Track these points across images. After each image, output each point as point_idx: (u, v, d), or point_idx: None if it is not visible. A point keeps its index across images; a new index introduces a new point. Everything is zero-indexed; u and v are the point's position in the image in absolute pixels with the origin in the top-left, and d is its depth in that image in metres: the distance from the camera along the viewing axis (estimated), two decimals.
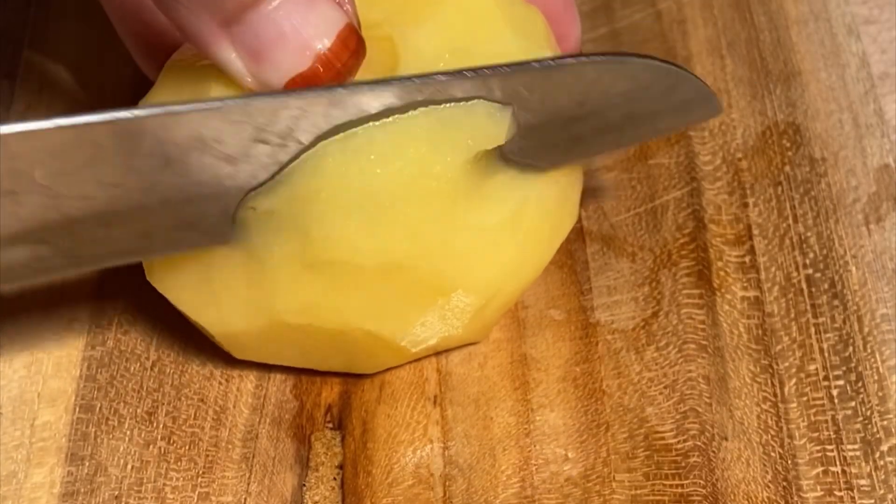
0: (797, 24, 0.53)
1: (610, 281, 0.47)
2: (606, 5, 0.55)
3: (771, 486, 0.42)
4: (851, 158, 0.49)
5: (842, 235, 0.47)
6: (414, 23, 0.39)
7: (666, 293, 0.46)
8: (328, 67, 0.37)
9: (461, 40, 0.39)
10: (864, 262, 0.46)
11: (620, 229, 0.48)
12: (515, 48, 0.40)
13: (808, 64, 0.52)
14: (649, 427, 0.43)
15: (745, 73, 0.52)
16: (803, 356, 0.45)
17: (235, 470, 0.43)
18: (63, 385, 0.45)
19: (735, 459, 0.42)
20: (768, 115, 0.51)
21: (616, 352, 0.45)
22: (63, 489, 0.43)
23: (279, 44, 0.36)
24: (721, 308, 0.46)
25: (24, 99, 0.52)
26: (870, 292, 0.46)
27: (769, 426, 0.43)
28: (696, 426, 0.43)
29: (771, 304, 0.46)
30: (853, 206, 0.48)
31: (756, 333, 0.45)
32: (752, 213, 0.48)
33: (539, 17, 0.42)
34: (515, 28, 0.40)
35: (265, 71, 0.37)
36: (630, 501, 0.42)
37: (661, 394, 0.44)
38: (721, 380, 0.44)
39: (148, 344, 0.46)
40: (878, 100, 0.50)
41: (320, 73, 0.37)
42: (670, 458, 0.42)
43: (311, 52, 0.36)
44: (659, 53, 0.53)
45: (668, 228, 0.48)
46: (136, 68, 0.53)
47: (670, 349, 0.45)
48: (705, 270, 0.46)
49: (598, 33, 0.54)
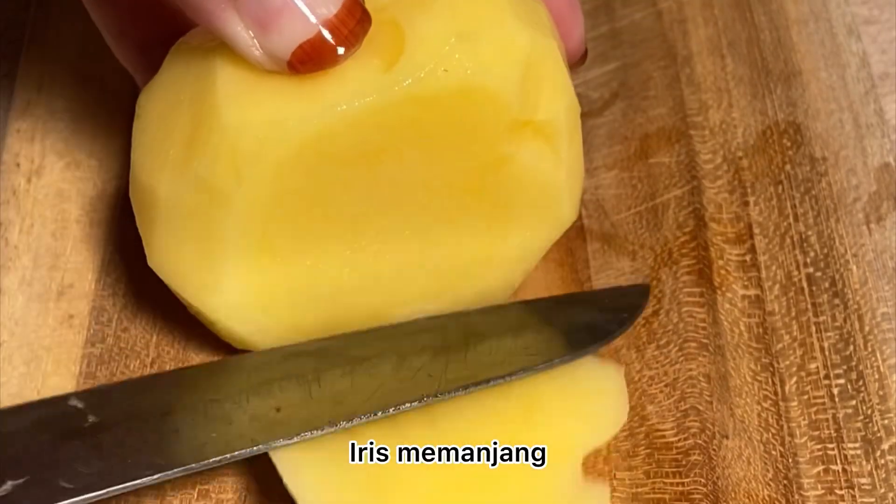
0: (797, 23, 0.53)
1: (611, 279, 0.47)
2: (607, 4, 0.55)
3: (772, 485, 0.42)
4: (852, 158, 0.49)
5: (842, 234, 0.47)
6: (420, 7, 0.39)
7: (667, 291, 0.46)
8: (335, 33, 0.37)
9: (467, 25, 0.39)
10: (865, 260, 0.46)
11: (621, 227, 0.48)
12: (520, 35, 0.40)
13: (808, 63, 0.52)
14: (650, 425, 0.43)
15: (746, 72, 0.52)
16: (804, 355, 0.45)
17: (235, 467, 0.43)
18: (62, 382, 0.45)
19: (736, 458, 0.42)
20: (769, 114, 0.51)
21: (616, 350, 0.45)
22: None
23: (285, 12, 0.37)
24: (722, 306, 0.46)
25: (24, 98, 0.52)
26: (870, 291, 0.46)
27: (770, 424, 0.43)
28: (697, 424, 0.42)
29: (772, 302, 0.46)
30: (854, 205, 0.48)
31: (757, 332, 0.45)
32: (753, 211, 0.48)
33: (542, 9, 0.42)
34: (520, 16, 0.40)
35: (272, 40, 0.37)
36: (631, 499, 0.41)
37: (662, 392, 0.44)
38: (722, 378, 0.44)
39: (147, 341, 0.46)
40: (878, 99, 0.50)
41: (327, 40, 0.37)
42: (671, 457, 0.42)
43: (318, 19, 0.37)
44: (659, 52, 0.53)
45: (669, 227, 0.48)
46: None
47: (671, 347, 0.45)
48: (706, 269, 0.46)
49: (598, 32, 0.54)
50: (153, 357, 0.45)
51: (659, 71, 0.52)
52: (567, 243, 0.47)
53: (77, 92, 0.52)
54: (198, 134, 0.39)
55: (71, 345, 0.45)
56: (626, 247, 0.48)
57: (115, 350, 0.45)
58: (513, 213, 0.43)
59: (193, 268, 0.41)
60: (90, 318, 0.46)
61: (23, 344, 0.45)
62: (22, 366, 0.45)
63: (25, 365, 0.45)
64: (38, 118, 0.52)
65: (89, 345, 0.46)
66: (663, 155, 0.50)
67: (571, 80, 0.42)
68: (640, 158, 0.50)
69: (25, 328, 0.46)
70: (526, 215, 0.43)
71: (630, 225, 0.48)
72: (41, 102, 0.52)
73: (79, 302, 0.46)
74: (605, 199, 0.49)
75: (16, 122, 0.52)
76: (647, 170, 0.49)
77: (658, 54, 0.53)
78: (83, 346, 0.45)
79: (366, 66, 0.38)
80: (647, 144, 0.50)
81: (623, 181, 0.49)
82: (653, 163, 0.50)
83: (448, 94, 0.39)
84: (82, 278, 0.47)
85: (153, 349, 0.45)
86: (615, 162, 0.50)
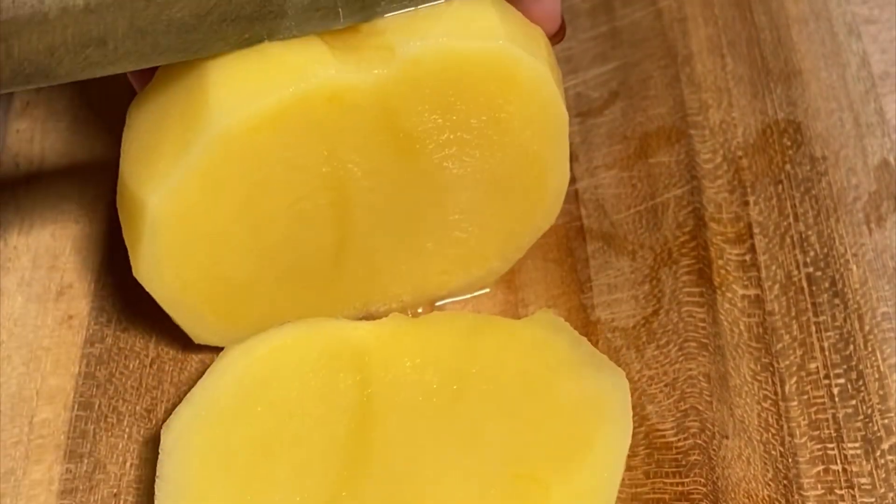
0: (798, 23, 0.53)
1: (610, 279, 0.47)
2: (607, 3, 0.55)
3: (771, 485, 0.42)
4: (852, 157, 0.49)
5: (842, 234, 0.47)
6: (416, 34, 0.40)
7: (666, 291, 0.46)
8: None
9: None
10: (865, 260, 0.46)
11: (621, 227, 0.48)
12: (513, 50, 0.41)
13: (808, 63, 0.52)
14: (650, 425, 0.43)
15: (746, 71, 0.52)
16: (804, 354, 0.44)
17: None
18: (62, 382, 0.45)
19: (736, 457, 0.42)
20: (769, 113, 0.51)
21: (616, 350, 0.45)
22: (61, 486, 0.43)
23: None
24: (722, 306, 0.46)
25: (24, 99, 0.52)
26: (870, 291, 0.46)
27: (770, 424, 0.43)
28: (697, 424, 0.42)
29: (771, 302, 0.46)
30: (854, 204, 0.48)
31: (757, 332, 0.45)
32: (753, 211, 0.48)
33: (543, 39, 0.42)
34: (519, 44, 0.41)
35: None
36: (630, 499, 0.41)
37: (662, 392, 0.44)
38: (722, 378, 0.44)
39: (147, 341, 0.46)
40: (878, 99, 0.50)
41: None
42: (671, 457, 0.42)
43: None
44: (659, 52, 0.53)
45: (669, 226, 0.48)
46: None
47: (671, 347, 0.45)
48: (706, 268, 0.46)
49: (598, 31, 0.54)
50: (153, 357, 0.45)
51: (659, 70, 0.52)
52: (567, 243, 0.47)
53: (76, 93, 0.52)
54: (187, 144, 0.39)
55: (70, 345, 0.45)
56: (625, 246, 0.48)
57: (114, 350, 0.45)
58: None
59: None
60: (89, 318, 0.46)
61: (22, 344, 0.45)
62: (21, 366, 0.45)
63: (25, 365, 0.45)
64: (37, 119, 0.52)
65: (88, 345, 0.46)
66: (663, 154, 0.50)
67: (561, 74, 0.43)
68: (640, 158, 0.50)
69: (24, 328, 0.46)
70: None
71: (630, 224, 0.48)
72: (41, 103, 0.52)
73: (78, 302, 0.46)
74: (605, 198, 0.49)
75: (15, 122, 0.52)
76: (646, 169, 0.49)
77: (658, 54, 0.53)
78: (82, 346, 0.45)
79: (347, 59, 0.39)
80: (647, 144, 0.50)
81: (623, 181, 0.49)
82: (653, 162, 0.50)
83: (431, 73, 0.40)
84: (81, 278, 0.47)
85: (152, 349, 0.45)
86: (615, 161, 0.50)
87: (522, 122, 0.42)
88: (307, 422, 0.41)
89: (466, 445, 0.40)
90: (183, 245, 0.40)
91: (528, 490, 0.39)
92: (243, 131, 0.39)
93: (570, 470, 0.39)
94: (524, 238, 0.45)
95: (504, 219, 0.44)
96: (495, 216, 0.44)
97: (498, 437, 0.40)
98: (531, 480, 0.39)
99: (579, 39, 0.54)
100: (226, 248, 0.41)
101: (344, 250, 0.43)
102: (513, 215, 0.44)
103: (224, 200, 0.40)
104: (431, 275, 0.45)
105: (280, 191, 0.41)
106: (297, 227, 0.42)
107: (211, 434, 0.40)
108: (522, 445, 0.40)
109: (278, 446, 0.40)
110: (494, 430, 0.41)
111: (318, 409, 0.41)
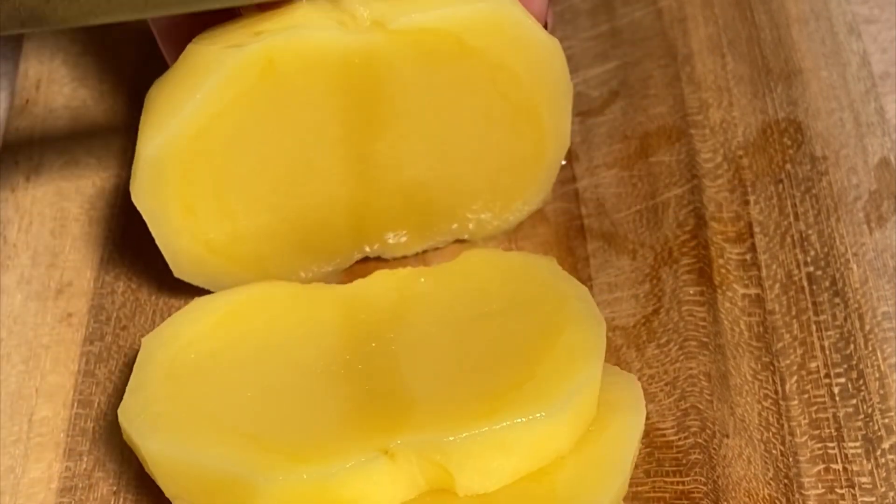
0: (798, 22, 0.53)
1: (611, 278, 0.47)
2: (607, 3, 0.55)
3: (772, 484, 0.42)
4: (852, 157, 0.49)
5: (843, 233, 0.47)
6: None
7: (667, 290, 0.46)
8: None
9: None
10: (865, 259, 0.46)
11: (621, 226, 0.48)
12: None
13: (808, 62, 0.52)
14: (650, 424, 0.43)
15: (746, 71, 0.52)
16: (804, 354, 0.44)
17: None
18: (61, 380, 0.45)
19: (736, 457, 0.42)
20: (769, 112, 0.51)
21: (617, 349, 0.45)
22: (61, 484, 0.42)
23: None
24: (722, 305, 0.46)
25: (23, 96, 0.52)
26: (871, 290, 0.46)
27: (770, 423, 0.43)
28: (697, 423, 0.42)
29: (772, 301, 0.46)
30: (854, 204, 0.48)
31: (757, 331, 0.45)
32: (753, 210, 0.48)
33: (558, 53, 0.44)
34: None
35: None
36: (631, 499, 0.41)
37: (662, 391, 0.44)
38: (722, 377, 0.44)
39: None
40: (878, 98, 0.50)
41: None
42: (671, 456, 0.42)
43: None
44: (659, 51, 0.53)
45: (669, 226, 0.48)
46: (136, 65, 0.53)
47: (671, 346, 0.45)
48: (706, 268, 0.46)
49: (598, 30, 0.54)
50: None
51: (659, 69, 0.52)
52: (567, 242, 0.47)
53: (76, 90, 0.52)
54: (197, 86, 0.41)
55: (70, 343, 0.45)
56: (626, 245, 0.48)
57: (113, 348, 0.45)
58: None
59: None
60: (89, 315, 0.46)
61: (21, 342, 0.45)
62: (20, 364, 0.45)
63: (24, 363, 0.45)
64: (36, 116, 0.52)
65: (88, 343, 0.45)
66: (664, 153, 0.50)
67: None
68: (641, 157, 0.50)
69: (24, 326, 0.46)
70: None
71: (630, 223, 0.48)
72: (40, 101, 0.52)
73: (77, 300, 0.46)
74: (606, 197, 0.49)
75: (14, 120, 0.52)
76: (647, 168, 0.49)
77: (658, 53, 0.53)
78: (82, 344, 0.45)
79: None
80: (648, 143, 0.50)
81: (623, 180, 0.49)
82: (653, 161, 0.50)
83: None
84: (81, 276, 0.47)
85: None
86: (615, 160, 0.50)
87: (530, 83, 0.44)
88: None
89: (469, 355, 0.41)
90: (188, 169, 0.42)
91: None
92: (245, 74, 0.40)
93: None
94: (519, 203, 0.47)
95: (499, 180, 0.46)
96: (492, 168, 0.46)
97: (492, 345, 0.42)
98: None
99: (579, 39, 0.54)
100: (233, 188, 0.43)
101: (355, 206, 0.45)
102: (509, 178, 0.46)
103: (233, 139, 0.41)
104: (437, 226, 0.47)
105: (286, 138, 0.42)
106: (305, 177, 0.43)
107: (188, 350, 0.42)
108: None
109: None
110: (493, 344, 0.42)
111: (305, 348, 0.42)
